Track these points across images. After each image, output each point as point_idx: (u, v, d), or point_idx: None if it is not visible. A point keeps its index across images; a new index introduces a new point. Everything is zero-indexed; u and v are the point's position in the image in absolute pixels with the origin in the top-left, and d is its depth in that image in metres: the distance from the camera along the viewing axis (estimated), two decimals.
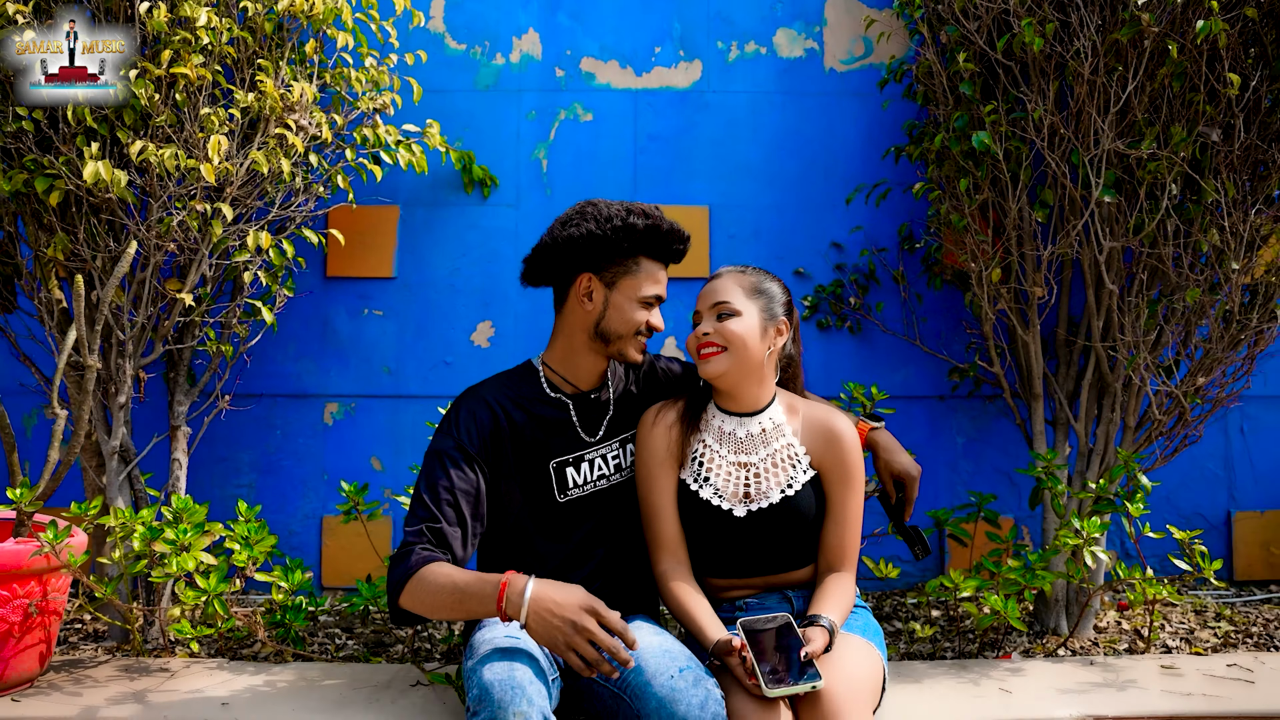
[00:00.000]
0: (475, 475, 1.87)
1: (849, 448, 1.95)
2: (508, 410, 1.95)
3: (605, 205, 1.96)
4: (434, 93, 3.26)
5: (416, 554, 1.74)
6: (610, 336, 1.96)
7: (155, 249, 2.48)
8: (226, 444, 3.21)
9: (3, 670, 2.07)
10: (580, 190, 3.29)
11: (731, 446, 1.95)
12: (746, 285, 1.95)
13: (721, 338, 1.89)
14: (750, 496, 1.92)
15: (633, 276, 1.95)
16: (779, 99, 3.32)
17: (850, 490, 1.94)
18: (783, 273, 3.26)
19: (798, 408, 2.01)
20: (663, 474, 1.95)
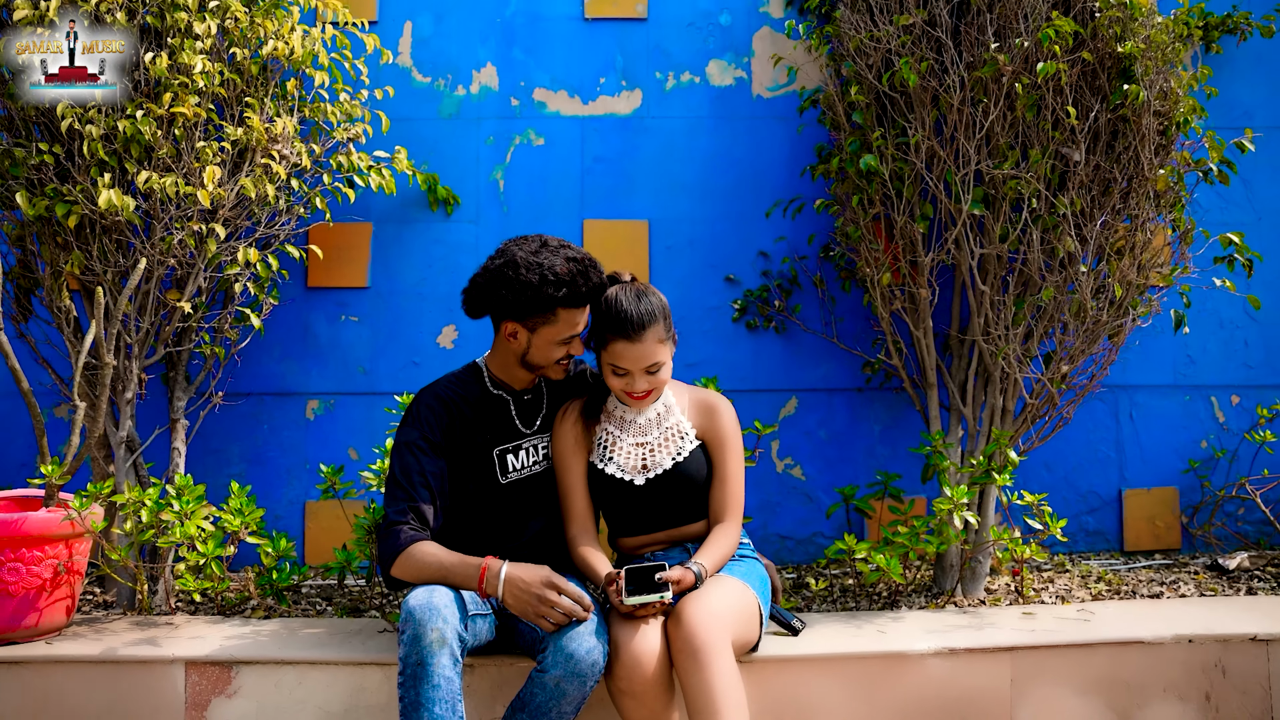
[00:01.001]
0: (438, 459, 2.25)
1: (725, 418, 2.36)
2: (459, 406, 2.32)
3: (524, 265, 2.18)
4: (403, 121, 3.66)
5: (405, 533, 2.13)
6: (534, 366, 2.32)
7: (158, 264, 2.87)
8: (219, 437, 3.59)
9: (37, 619, 2.46)
10: (534, 206, 3.69)
11: (631, 430, 2.36)
12: (663, 332, 2.24)
13: (653, 384, 2.26)
14: (647, 467, 2.32)
15: (551, 326, 2.24)
16: (711, 123, 3.72)
17: (727, 453, 2.34)
18: (714, 279, 3.67)
19: (683, 391, 2.43)
20: (571, 460, 2.35)
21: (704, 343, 3.66)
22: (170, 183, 2.74)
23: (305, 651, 2.42)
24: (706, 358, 3.65)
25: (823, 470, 3.67)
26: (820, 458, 3.68)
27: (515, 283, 2.18)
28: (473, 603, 2.08)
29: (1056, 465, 3.71)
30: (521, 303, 2.20)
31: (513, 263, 2.21)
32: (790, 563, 3.64)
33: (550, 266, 2.19)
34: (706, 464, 2.35)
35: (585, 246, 3.60)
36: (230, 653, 2.39)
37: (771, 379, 3.69)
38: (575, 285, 2.20)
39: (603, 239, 3.66)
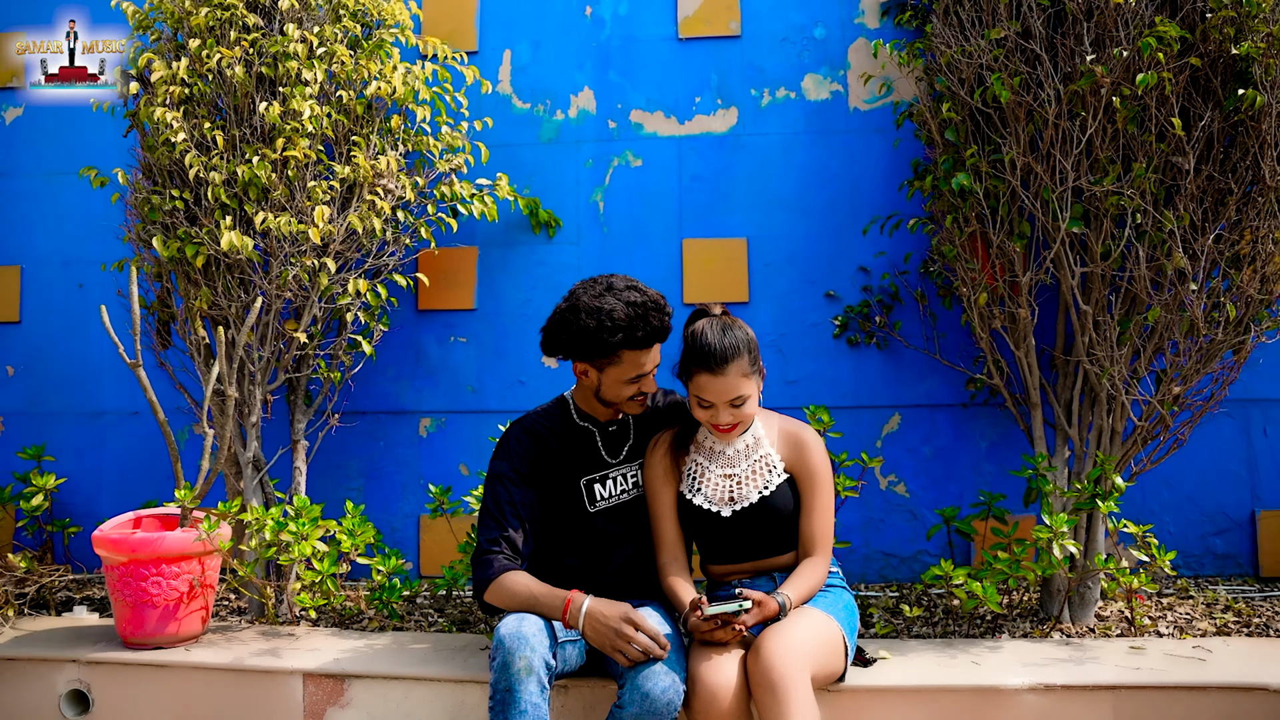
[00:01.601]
0: (529, 492, 2.36)
1: (815, 454, 2.36)
2: (547, 438, 2.42)
3: (585, 310, 2.24)
4: (504, 147, 3.78)
5: (497, 562, 2.24)
6: (609, 402, 2.39)
7: (275, 297, 3.07)
8: (339, 454, 3.80)
9: (177, 628, 2.69)
10: (633, 227, 3.75)
11: (719, 462, 2.39)
12: (747, 365, 2.25)
13: (739, 418, 2.28)
14: (734, 499, 2.35)
15: (617, 367, 2.31)
16: (807, 138, 3.70)
17: (816, 488, 2.34)
18: (814, 295, 3.65)
19: (773, 422, 2.44)
20: (661, 489, 2.41)
21: (805, 359, 3.65)
22: (284, 222, 2.93)
23: (412, 667, 2.56)
24: (808, 374, 3.65)
25: (927, 487, 3.61)
26: (924, 475, 3.62)
27: (576, 328, 2.26)
28: (563, 630, 2.17)
29: (1178, 483, 3.53)
30: (585, 346, 2.28)
31: (575, 308, 2.28)
32: (894, 581, 3.60)
33: (609, 311, 2.23)
34: (794, 497, 2.36)
35: (685, 265, 3.66)
36: (343, 666, 2.55)
37: (874, 395, 3.64)
38: (633, 329, 2.24)
39: (702, 257, 3.70)
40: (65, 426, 3.95)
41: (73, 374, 3.92)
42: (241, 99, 3.06)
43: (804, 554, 2.34)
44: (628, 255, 3.74)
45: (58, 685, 2.66)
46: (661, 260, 3.73)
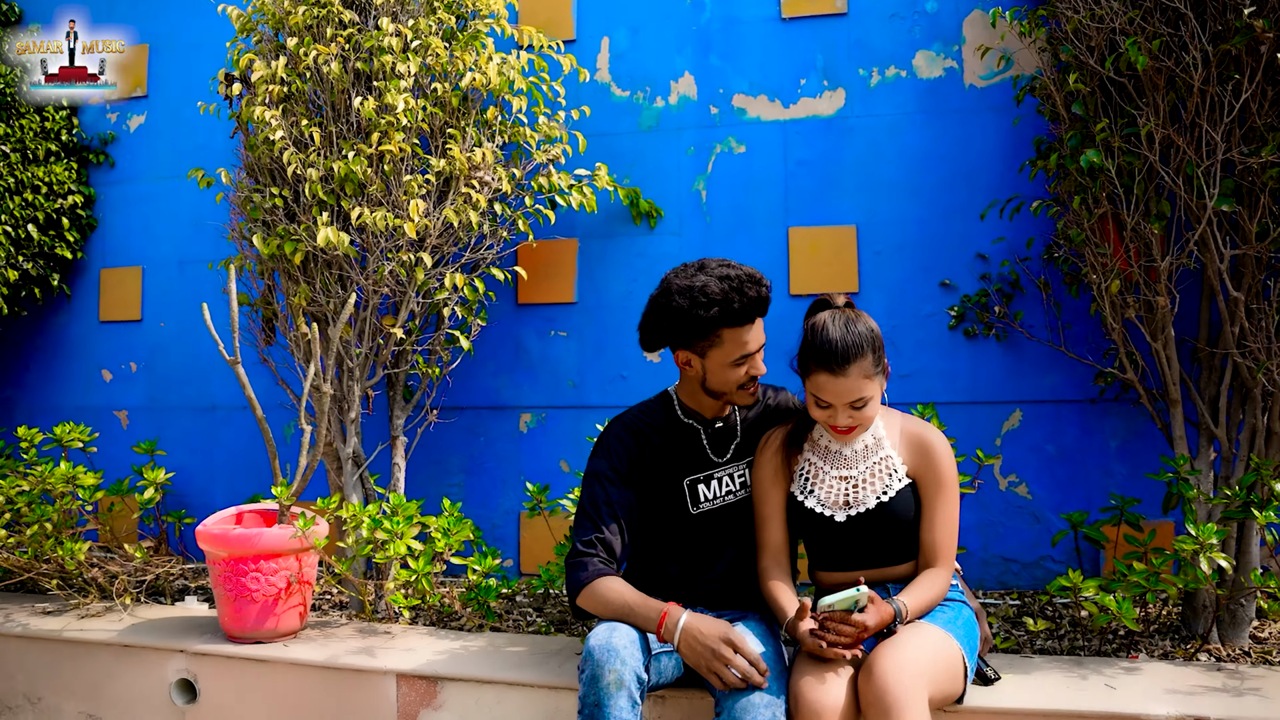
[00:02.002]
0: (627, 491, 2.24)
1: (941, 457, 2.17)
2: (648, 435, 2.30)
3: (677, 291, 2.14)
4: (603, 136, 3.69)
5: (592, 565, 2.13)
6: (716, 392, 2.25)
7: (373, 293, 3.06)
8: (439, 449, 3.79)
9: (276, 623, 2.71)
10: (737, 215, 3.61)
11: (835, 462, 2.22)
12: (870, 365, 2.07)
13: (858, 421, 2.12)
14: (850, 504, 2.18)
15: (719, 349, 2.17)
16: (920, 118, 3.48)
17: (941, 495, 2.15)
18: (928, 284, 3.44)
19: (895, 421, 2.25)
20: (770, 489, 2.25)
21: (919, 352, 3.45)
22: (380, 217, 2.91)
23: (505, 672, 2.49)
24: (921, 368, 3.44)
25: (1051, 489, 3.36)
26: (1048, 475, 3.37)
27: (669, 311, 2.15)
28: (656, 641, 2.06)
29: None
30: (681, 329, 2.16)
31: (666, 291, 2.18)
32: (1014, 588, 3.36)
33: (702, 288, 2.12)
34: (915, 503, 2.18)
35: (791, 255, 3.50)
36: (436, 668, 2.51)
37: (993, 390, 3.41)
38: (729, 303, 2.11)
39: (809, 246, 3.53)
40: (182, 421, 4.07)
41: (188, 370, 4.03)
42: (338, 95, 3.05)
43: (924, 565, 2.16)
44: (731, 245, 3.60)
45: (168, 674, 2.71)
46: (767, 249, 3.58)
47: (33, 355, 4.31)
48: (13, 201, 3.87)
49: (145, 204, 4.18)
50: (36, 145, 3.94)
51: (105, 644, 2.74)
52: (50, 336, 4.29)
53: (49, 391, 4.27)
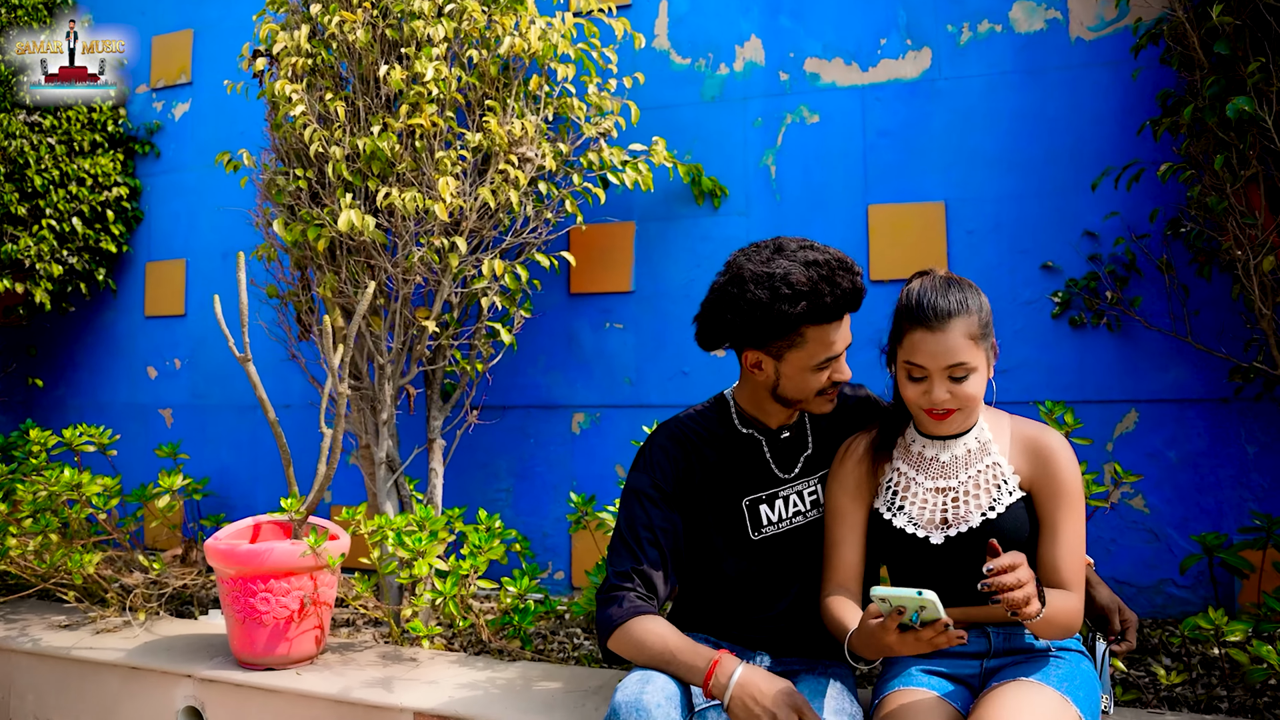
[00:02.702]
0: (672, 512, 1.88)
1: (1063, 464, 1.74)
2: (699, 447, 1.93)
3: (753, 279, 1.76)
4: (661, 109, 3.36)
5: (628, 601, 1.78)
6: (790, 400, 1.87)
7: (402, 282, 2.79)
8: (487, 451, 3.52)
9: (288, 648, 2.45)
10: (810, 193, 3.24)
11: (931, 472, 1.82)
12: (976, 328, 1.72)
13: (958, 400, 1.73)
14: (948, 522, 1.78)
15: (799, 350, 1.79)
16: (1018, 79, 3.05)
17: (1067, 509, 1.73)
18: (1028, 267, 3.01)
19: (1004, 424, 1.84)
20: (849, 505, 1.86)
21: (1017, 344, 3.02)
22: (410, 198, 2.63)
23: (534, 713, 2.18)
24: (1021, 361, 3.01)
25: (1173, 502, 2.89)
26: (1169, 486, 2.90)
27: (743, 302, 1.76)
28: (701, 695, 1.72)
29: None
30: (756, 327, 1.77)
31: (738, 278, 1.78)
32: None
33: (785, 276, 1.73)
34: (1031, 522, 1.78)
35: (871, 236, 3.11)
36: (457, 707, 2.21)
37: (1103, 387, 2.96)
38: (819, 295, 1.73)
39: (892, 225, 3.13)
40: (225, 419, 3.89)
41: (231, 366, 3.84)
42: (366, 66, 2.79)
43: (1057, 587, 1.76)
44: (804, 226, 3.23)
45: (175, 700, 2.48)
46: (844, 231, 3.19)
47: (82, 352, 4.20)
48: (57, 195, 3.75)
49: (189, 194, 4.02)
50: (82, 137, 3.81)
51: (113, 665, 2.54)
52: (98, 333, 4.17)
53: (98, 389, 4.15)
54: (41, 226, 3.71)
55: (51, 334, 4.26)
